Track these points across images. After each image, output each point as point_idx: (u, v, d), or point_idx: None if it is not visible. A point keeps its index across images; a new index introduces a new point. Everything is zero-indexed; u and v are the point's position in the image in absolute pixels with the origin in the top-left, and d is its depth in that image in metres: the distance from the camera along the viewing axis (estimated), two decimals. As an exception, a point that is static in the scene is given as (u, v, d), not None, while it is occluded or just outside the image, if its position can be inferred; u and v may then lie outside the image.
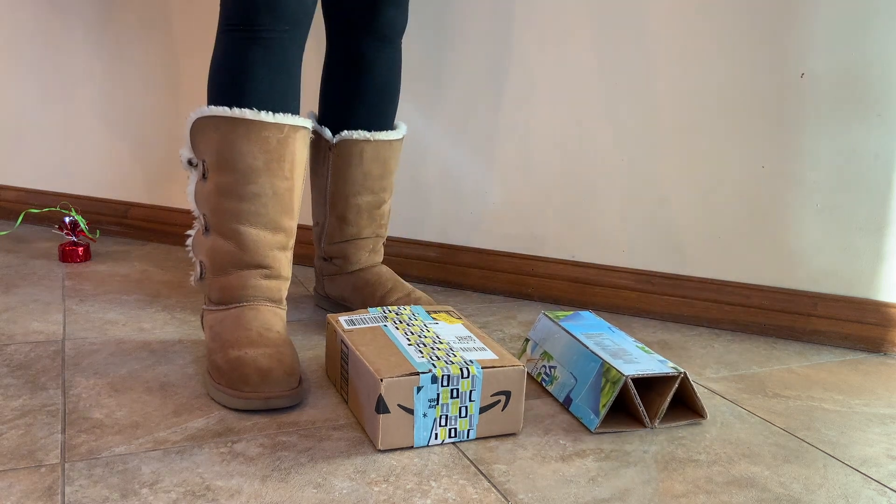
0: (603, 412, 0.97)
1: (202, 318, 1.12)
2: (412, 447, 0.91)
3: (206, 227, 1.08)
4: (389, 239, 1.60)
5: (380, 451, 0.90)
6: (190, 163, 1.09)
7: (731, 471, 0.90)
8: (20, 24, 1.82)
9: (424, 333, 1.02)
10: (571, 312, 1.19)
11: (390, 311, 1.10)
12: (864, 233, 1.33)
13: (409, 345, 0.98)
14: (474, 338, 1.02)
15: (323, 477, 0.84)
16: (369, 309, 1.11)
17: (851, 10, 1.27)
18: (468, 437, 0.94)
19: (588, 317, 1.17)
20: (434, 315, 1.10)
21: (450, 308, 1.14)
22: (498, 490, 0.83)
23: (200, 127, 1.05)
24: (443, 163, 1.54)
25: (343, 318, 1.07)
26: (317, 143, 1.31)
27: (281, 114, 1.04)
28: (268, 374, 0.97)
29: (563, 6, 1.42)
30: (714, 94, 1.36)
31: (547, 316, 1.16)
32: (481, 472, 0.87)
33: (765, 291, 1.38)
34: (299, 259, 1.67)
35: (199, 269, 1.11)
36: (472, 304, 1.47)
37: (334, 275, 1.35)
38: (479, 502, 0.81)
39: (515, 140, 1.49)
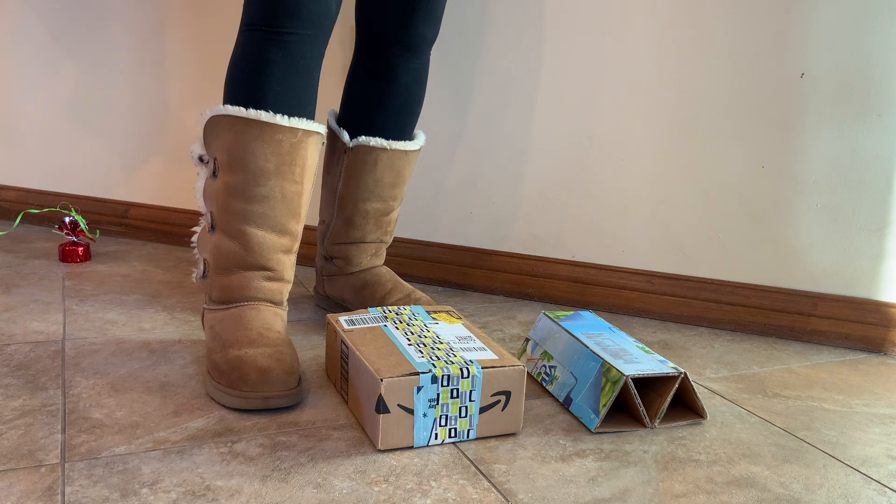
0: (603, 412, 0.97)
1: (203, 316, 1.12)
2: (412, 447, 0.91)
3: (212, 225, 1.08)
4: (389, 239, 1.60)
5: (380, 451, 0.90)
6: (201, 159, 1.09)
7: (731, 471, 0.90)
8: (20, 25, 1.82)
9: (424, 333, 1.02)
10: (571, 312, 1.19)
11: (390, 311, 1.10)
12: (864, 233, 1.33)
13: (409, 345, 0.98)
14: (474, 338, 1.02)
15: (323, 477, 0.84)
16: (369, 309, 1.11)
17: (851, 10, 1.28)
18: (468, 437, 0.94)
19: (588, 317, 1.17)
20: (434, 315, 1.10)
21: (450, 308, 1.14)
22: (498, 490, 0.83)
23: (214, 125, 1.05)
24: (443, 164, 1.54)
25: (343, 318, 1.07)
26: (333, 143, 1.31)
27: (296, 118, 1.04)
28: (267, 374, 0.96)
29: (561, 8, 1.42)
30: (714, 94, 1.36)
31: (547, 316, 1.17)
32: (481, 472, 0.87)
33: (765, 291, 1.38)
34: (300, 259, 1.67)
35: (202, 266, 1.11)
36: (472, 304, 1.47)
37: (334, 275, 1.35)
38: (479, 502, 0.81)
39: (516, 140, 1.49)
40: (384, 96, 1.28)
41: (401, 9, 1.23)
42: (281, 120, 1.03)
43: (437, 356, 0.94)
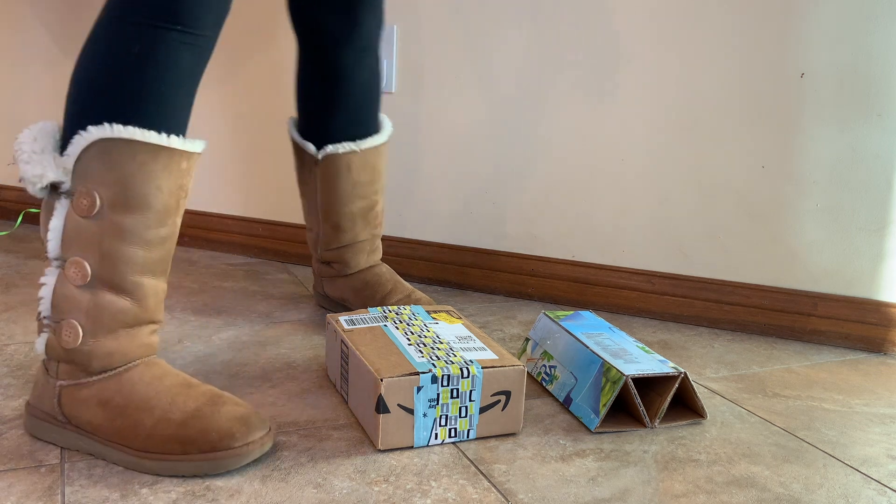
0: (603, 412, 0.97)
1: (58, 400, 0.86)
2: (412, 447, 0.91)
3: (86, 279, 0.83)
4: (390, 239, 1.60)
5: (380, 451, 0.90)
6: (54, 188, 0.83)
7: (731, 471, 0.90)
8: (20, 25, 1.82)
9: (424, 333, 1.02)
10: (571, 312, 1.19)
11: (390, 311, 1.10)
12: (864, 233, 1.33)
13: (409, 345, 0.98)
14: (474, 338, 1.02)
15: (323, 477, 0.84)
16: (369, 309, 1.11)
17: (851, 9, 1.28)
18: (468, 437, 0.94)
19: (588, 317, 1.17)
20: (434, 315, 1.10)
21: (450, 308, 1.14)
22: (498, 490, 0.83)
23: (104, 151, 0.80)
24: (443, 164, 1.54)
25: (343, 318, 1.07)
26: (301, 156, 1.27)
27: (197, 140, 0.87)
28: (248, 420, 0.84)
29: (561, 8, 1.42)
30: (714, 94, 1.36)
31: (547, 316, 1.17)
32: (481, 472, 0.87)
33: (765, 291, 1.38)
34: (299, 259, 1.67)
35: (78, 332, 0.83)
36: (472, 304, 1.47)
37: (334, 277, 1.34)
38: (479, 502, 0.81)
39: (515, 140, 1.49)
40: (343, 98, 1.22)
41: (344, 8, 1.17)
42: (191, 146, 0.85)
43: (437, 356, 0.94)
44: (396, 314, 1.09)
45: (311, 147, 1.24)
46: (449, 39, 1.50)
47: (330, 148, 1.23)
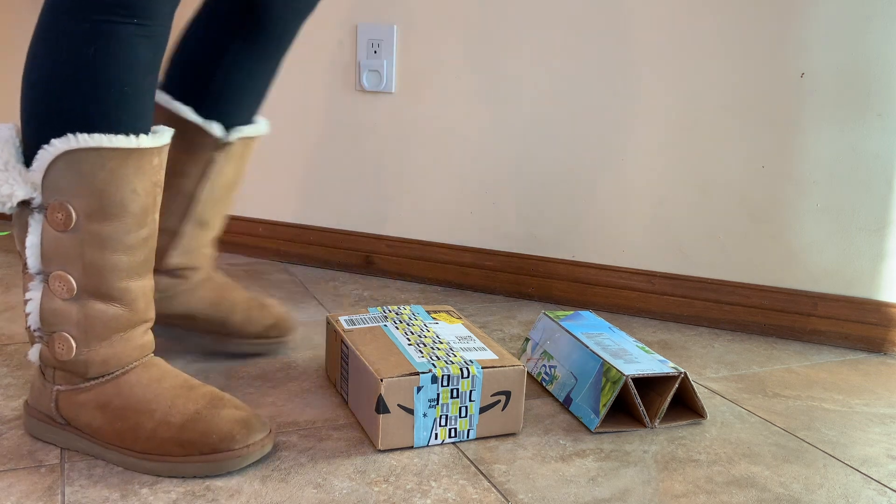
0: (603, 412, 0.97)
1: (56, 404, 0.86)
2: (412, 447, 0.91)
3: (72, 292, 0.81)
4: (391, 239, 1.60)
5: (380, 451, 0.90)
6: (25, 203, 0.79)
7: (731, 471, 0.90)
8: (20, 25, 1.82)
9: (424, 333, 1.02)
10: (571, 312, 1.19)
11: (390, 311, 1.10)
12: (864, 233, 1.33)
13: (409, 345, 0.98)
14: (474, 338, 1.02)
15: (323, 477, 0.84)
16: (369, 309, 1.11)
17: (851, 10, 1.28)
18: (468, 437, 0.94)
19: (588, 317, 1.17)
20: (434, 315, 1.10)
21: (450, 308, 1.14)
22: (498, 490, 0.83)
23: (72, 162, 0.76)
24: (442, 163, 1.54)
25: (343, 319, 1.07)
26: (190, 138, 1.01)
27: (164, 129, 0.83)
28: (249, 422, 0.84)
29: (562, 8, 1.42)
30: (714, 94, 1.36)
31: (547, 315, 1.17)
32: (481, 472, 0.87)
33: (765, 291, 1.38)
34: (299, 259, 1.67)
35: (71, 344, 0.82)
36: (472, 304, 1.47)
37: (179, 290, 1.09)
38: (479, 502, 0.81)
39: (515, 139, 1.49)
40: (269, 72, 1.05)
41: None
42: (159, 140, 0.81)
43: (437, 356, 0.94)
44: (396, 314, 1.09)
45: (215, 128, 1.01)
46: (449, 39, 1.50)
47: (247, 130, 1.04)
